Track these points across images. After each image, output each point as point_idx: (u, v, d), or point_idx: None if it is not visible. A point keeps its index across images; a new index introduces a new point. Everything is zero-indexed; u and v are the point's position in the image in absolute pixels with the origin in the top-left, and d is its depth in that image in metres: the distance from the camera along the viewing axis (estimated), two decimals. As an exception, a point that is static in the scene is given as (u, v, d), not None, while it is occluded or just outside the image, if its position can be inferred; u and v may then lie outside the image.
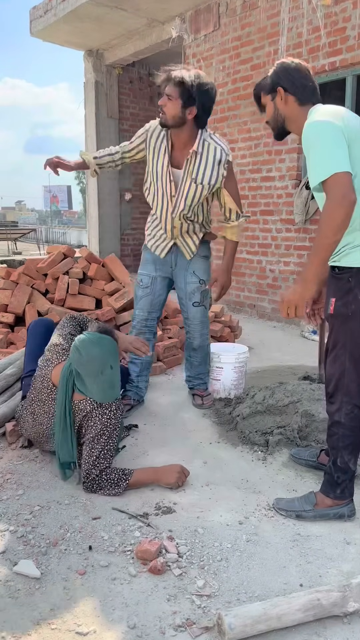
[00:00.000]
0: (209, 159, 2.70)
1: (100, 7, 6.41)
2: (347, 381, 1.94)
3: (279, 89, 1.94)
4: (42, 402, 2.35)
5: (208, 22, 6.17)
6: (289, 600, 1.51)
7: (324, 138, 1.75)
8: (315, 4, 4.97)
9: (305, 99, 1.94)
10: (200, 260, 3.01)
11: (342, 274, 1.88)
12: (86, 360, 2.19)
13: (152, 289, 3.03)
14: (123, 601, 1.61)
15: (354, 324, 1.89)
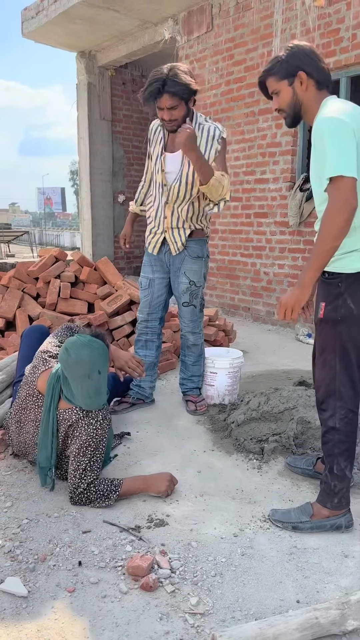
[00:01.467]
0: (204, 137, 2.78)
1: (92, 8, 6.35)
2: (338, 386, 1.91)
3: (300, 73, 1.86)
4: (28, 410, 2.29)
5: (201, 23, 6.12)
6: (286, 619, 1.46)
7: (339, 137, 1.71)
8: (309, 6, 4.93)
9: (323, 83, 1.88)
10: (192, 261, 3.00)
11: (332, 279, 1.86)
12: (74, 362, 2.13)
13: (150, 291, 3.08)
14: (113, 620, 1.55)
15: (342, 328, 1.87)
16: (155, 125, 2.92)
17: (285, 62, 1.88)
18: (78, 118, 8.25)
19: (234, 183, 5.98)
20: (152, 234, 3.04)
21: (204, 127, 2.80)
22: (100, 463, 2.18)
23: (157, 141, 2.89)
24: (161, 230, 2.97)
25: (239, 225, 5.99)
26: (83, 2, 6.20)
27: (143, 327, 3.12)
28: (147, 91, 2.60)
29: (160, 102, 2.60)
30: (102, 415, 2.19)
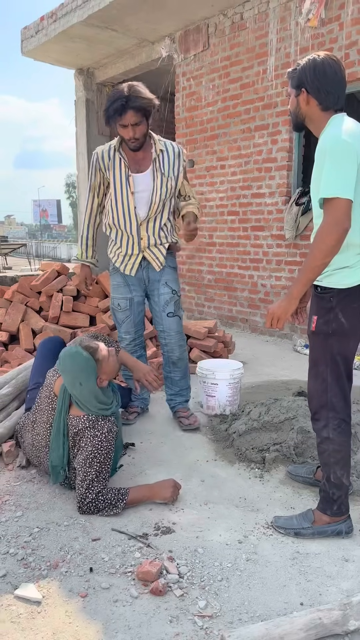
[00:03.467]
0: (170, 154, 2.92)
1: (91, 28, 6.50)
2: (330, 397, 1.99)
3: (302, 89, 1.93)
4: (42, 412, 2.39)
5: (197, 42, 6.27)
6: (291, 620, 1.53)
7: (340, 158, 1.78)
8: (303, 26, 5.08)
9: (328, 105, 1.92)
10: (170, 270, 3.08)
11: (325, 294, 1.94)
12: (62, 370, 2.31)
13: (131, 311, 3.09)
14: (125, 623, 1.61)
15: (333, 342, 1.95)
16: (102, 151, 2.88)
17: (296, 75, 1.95)
18: (77, 134, 8.38)
19: (230, 197, 6.10)
20: (124, 256, 3.02)
21: (165, 143, 2.93)
22: (108, 473, 2.25)
23: (114, 165, 2.85)
24: (137, 252, 2.99)
25: (236, 238, 6.10)
26: (82, 22, 6.35)
27: (132, 346, 3.14)
28: (111, 108, 2.62)
29: (124, 118, 2.63)
30: (108, 427, 2.25)
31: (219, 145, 6.15)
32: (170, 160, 2.91)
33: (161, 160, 2.88)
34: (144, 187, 2.87)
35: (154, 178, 2.87)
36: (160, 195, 2.89)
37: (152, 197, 2.88)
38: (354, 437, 2.63)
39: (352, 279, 1.90)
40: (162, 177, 2.88)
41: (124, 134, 2.71)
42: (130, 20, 6.27)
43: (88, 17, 6.20)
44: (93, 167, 2.91)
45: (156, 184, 2.87)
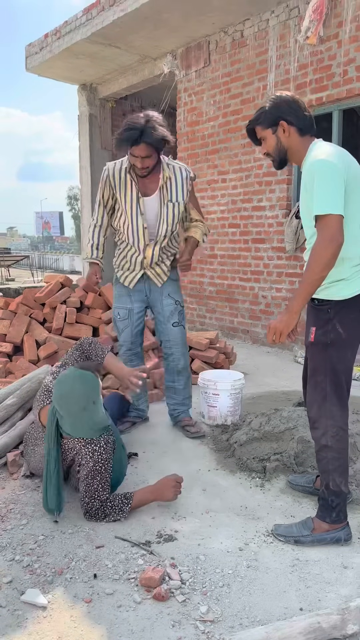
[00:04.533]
0: (178, 178, 2.96)
1: (94, 45, 6.63)
2: (329, 405, 2.05)
3: (281, 122, 2.04)
4: (38, 439, 2.42)
5: (198, 58, 6.40)
6: (291, 624, 1.57)
7: (328, 177, 1.87)
8: (302, 43, 5.19)
9: (305, 130, 2.06)
10: (172, 282, 3.18)
11: (322, 306, 2.02)
12: (69, 398, 2.17)
13: (130, 320, 3.17)
14: (129, 628, 1.65)
15: (332, 352, 2.01)
16: (113, 169, 2.93)
17: (268, 112, 2.08)
18: (80, 148, 8.51)
19: (231, 210, 6.19)
20: (128, 270, 3.11)
21: (174, 167, 2.96)
22: (110, 480, 2.28)
23: (125, 185, 2.91)
24: (139, 269, 3.08)
25: (237, 250, 6.18)
26: (86, 40, 6.48)
27: (130, 354, 3.20)
28: (124, 136, 2.66)
29: (135, 150, 2.69)
30: (105, 439, 2.26)
31: (220, 159, 6.25)
32: (178, 186, 2.95)
33: (168, 187, 2.93)
34: (151, 210, 2.95)
35: (160, 204, 2.93)
36: (167, 221, 2.96)
37: (160, 222, 2.95)
38: (354, 446, 2.67)
39: (349, 290, 1.97)
40: (168, 204, 2.94)
41: (133, 161, 2.78)
42: (132, 38, 6.40)
43: (92, 34, 6.34)
44: (103, 181, 2.97)
45: (163, 210, 2.94)
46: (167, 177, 2.92)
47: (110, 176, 2.93)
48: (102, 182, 2.99)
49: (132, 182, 2.91)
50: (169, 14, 5.70)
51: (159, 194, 2.93)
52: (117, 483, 2.44)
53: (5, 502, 2.40)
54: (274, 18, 5.47)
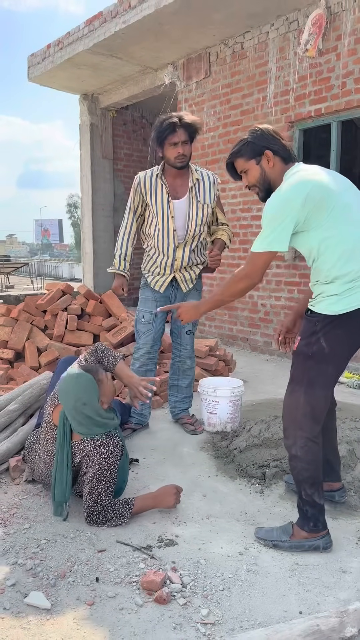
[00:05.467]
0: (206, 182, 3.19)
1: (96, 56, 6.72)
2: (300, 415, 2.07)
3: (267, 152, 2.09)
4: (46, 440, 2.45)
5: (199, 69, 6.48)
6: (290, 627, 1.59)
7: (275, 215, 1.97)
8: (301, 56, 5.28)
9: (287, 158, 2.12)
10: (196, 293, 3.36)
11: (312, 317, 2.05)
12: (64, 394, 2.31)
13: (153, 325, 3.28)
14: (131, 630, 1.68)
15: (312, 364, 2.03)
16: (144, 176, 3.13)
17: (252, 144, 2.12)
18: (81, 157, 8.58)
19: (231, 220, 6.25)
20: (158, 275, 3.26)
21: (202, 172, 3.20)
22: (114, 486, 2.32)
23: (155, 191, 3.10)
24: (170, 272, 3.22)
25: (236, 259, 6.23)
26: (88, 50, 6.57)
27: (146, 358, 3.30)
28: (165, 124, 2.92)
29: (176, 136, 2.94)
30: (113, 443, 2.32)
31: (220, 169, 6.31)
32: (206, 188, 3.17)
33: (197, 189, 3.15)
34: (181, 212, 3.11)
35: (189, 205, 3.13)
36: (197, 220, 3.14)
37: (189, 222, 3.14)
38: (352, 453, 2.71)
39: (338, 306, 1.98)
40: (197, 204, 3.14)
41: (172, 152, 2.98)
42: (134, 49, 6.49)
43: (94, 45, 6.42)
44: (134, 189, 3.15)
45: (192, 210, 3.13)
46: (196, 179, 3.14)
47: (142, 183, 3.12)
48: (132, 190, 3.17)
49: (162, 187, 3.09)
50: (170, 26, 5.79)
51: (189, 195, 3.12)
52: (120, 490, 2.47)
53: (7, 507, 2.42)
54: (273, 31, 5.56)
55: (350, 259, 1.96)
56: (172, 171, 3.11)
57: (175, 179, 3.13)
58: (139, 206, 3.19)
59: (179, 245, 3.16)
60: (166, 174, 3.13)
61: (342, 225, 1.96)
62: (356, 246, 1.97)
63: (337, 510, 2.43)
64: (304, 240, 2.03)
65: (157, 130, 2.97)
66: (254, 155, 2.12)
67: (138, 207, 3.20)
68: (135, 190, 3.16)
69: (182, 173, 3.13)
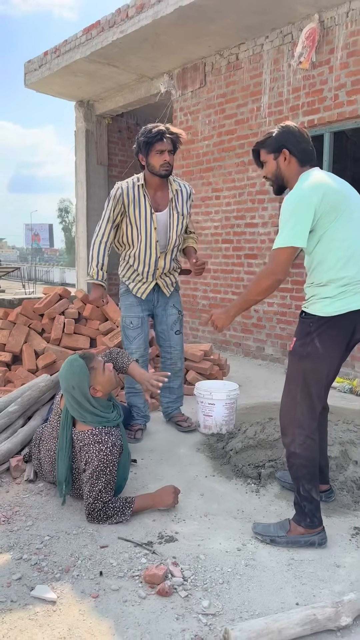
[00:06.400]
0: (183, 194, 3.33)
1: (93, 64, 6.81)
2: (298, 414, 2.17)
3: (284, 150, 2.20)
4: (52, 427, 2.56)
5: (194, 79, 6.60)
6: (289, 616, 1.67)
7: (293, 212, 2.06)
8: (295, 68, 5.41)
9: (305, 161, 2.22)
10: (176, 293, 3.52)
11: (306, 319, 2.16)
12: (60, 376, 2.51)
13: (142, 329, 3.38)
14: (135, 621, 1.74)
15: (307, 364, 2.14)
16: (127, 187, 3.16)
17: (274, 139, 2.23)
18: (76, 163, 8.66)
19: (225, 227, 6.36)
20: (140, 282, 3.35)
21: (179, 183, 3.33)
22: (114, 483, 2.39)
23: (138, 202, 3.15)
24: (152, 279, 3.34)
25: (230, 265, 6.33)
26: (85, 59, 6.66)
27: (141, 362, 3.36)
28: (153, 132, 3.03)
29: (161, 145, 3.04)
30: (112, 441, 2.40)
31: (214, 177, 6.42)
32: (184, 200, 3.31)
33: (177, 200, 3.27)
34: (162, 223, 3.22)
35: (169, 216, 3.26)
36: (177, 231, 3.30)
37: (170, 233, 3.26)
38: (345, 454, 2.80)
39: (332, 308, 2.08)
40: (177, 215, 3.28)
41: (158, 160, 3.07)
42: (130, 58, 6.59)
43: (91, 54, 6.52)
44: (116, 200, 3.16)
45: (172, 222, 3.27)
46: (175, 189, 3.26)
47: (125, 194, 3.14)
48: (114, 200, 3.16)
49: (145, 198, 3.15)
50: (166, 36, 5.90)
51: (169, 207, 3.25)
52: (120, 488, 2.54)
53: (10, 505, 2.48)
54: (268, 43, 5.69)
55: (348, 264, 2.07)
56: (153, 182, 3.18)
57: (156, 191, 3.21)
58: (118, 216, 3.20)
59: (160, 255, 3.27)
60: (147, 185, 3.19)
61: (347, 231, 2.08)
62: (355, 252, 2.07)
63: (330, 509, 2.51)
64: (313, 242, 2.12)
65: (146, 137, 3.05)
66: (273, 150, 2.23)
67: (117, 217, 3.20)
68: (117, 201, 3.16)
69: (162, 184, 3.22)
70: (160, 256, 3.28)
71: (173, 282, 3.45)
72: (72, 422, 2.46)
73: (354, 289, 2.08)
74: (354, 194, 2.19)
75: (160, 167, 3.09)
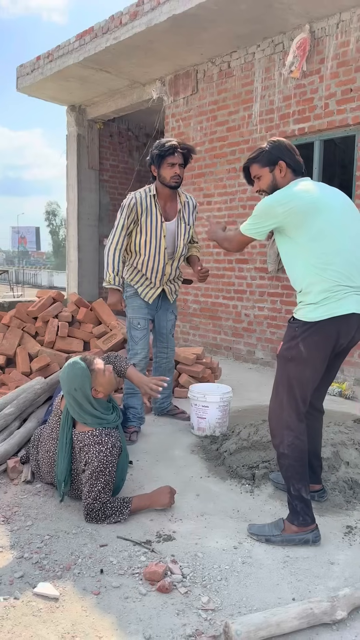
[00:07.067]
0: (190, 206, 3.55)
1: (85, 69, 6.87)
2: (285, 416, 2.25)
3: (281, 162, 2.30)
4: (52, 428, 2.59)
5: (187, 86, 6.68)
6: (286, 610, 1.73)
7: (259, 214, 2.26)
8: (286, 76, 5.51)
9: (298, 171, 2.34)
10: (175, 301, 3.75)
11: (293, 324, 2.25)
12: (61, 378, 2.54)
13: (147, 330, 3.54)
14: (137, 616, 1.79)
15: (291, 367, 2.23)
16: (140, 197, 3.34)
17: (268, 153, 2.34)
18: (67, 167, 8.69)
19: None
20: (149, 287, 3.51)
21: (186, 195, 3.54)
22: (113, 484, 2.43)
23: (150, 212, 3.34)
24: (159, 285, 3.50)
25: (221, 270, 6.40)
26: (78, 64, 6.71)
27: (144, 364, 3.51)
28: (166, 147, 3.22)
29: (175, 157, 3.25)
30: (112, 443, 2.45)
31: (205, 182, 6.50)
32: (190, 211, 3.54)
33: (184, 211, 3.49)
34: (171, 232, 3.40)
35: (177, 225, 3.47)
36: (184, 240, 3.52)
37: (177, 241, 3.42)
38: (336, 455, 2.86)
39: (315, 314, 2.17)
40: (184, 225, 3.50)
41: (169, 172, 3.27)
42: (123, 64, 6.66)
43: (84, 59, 6.57)
44: (130, 208, 3.31)
45: (180, 231, 3.48)
46: (184, 201, 3.48)
47: (138, 203, 3.31)
48: (128, 208, 3.31)
49: (156, 208, 3.34)
50: (159, 43, 5.97)
51: (178, 217, 3.46)
52: (117, 489, 2.58)
53: (9, 506, 2.51)
54: (259, 52, 5.79)
55: (327, 271, 2.16)
56: (164, 193, 3.38)
57: (166, 201, 3.42)
58: (131, 224, 3.36)
59: (168, 262, 3.46)
60: (158, 195, 3.38)
61: (323, 239, 2.16)
62: (335, 258, 2.14)
63: (323, 508, 2.58)
64: (288, 250, 2.27)
65: (159, 150, 3.23)
66: (269, 164, 2.33)
67: (130, 225, 3.36)
68: (130, 209, 3.32)
69: (172, 196, 3.43)
70: (168, 263, 3.46)
71: (177, 290, 3.68)
72: (72, 423, 2.50)
73: (336, 295, 2.15)
74: (339, 202, 2.26)
75: (170, 179, 3.29)
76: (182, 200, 3.47)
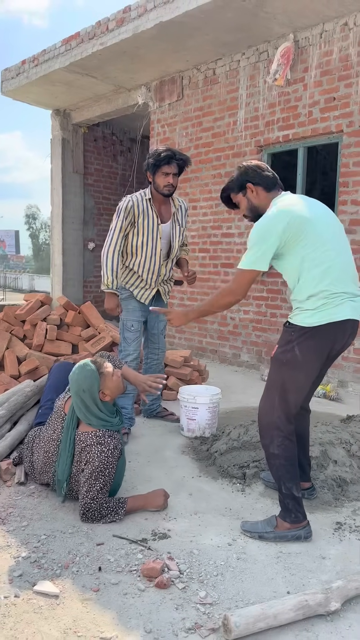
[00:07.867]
0: (182, 209, 3.67)
1: (71, 74, 6.89)
2: (275, 417, 2.31)
3: (248, 185, 2.38)
4: (53, 429, 2.61)
5: (172, 92, 6.75)
6: (283, 602, 1.78)
7: (259, 238, 2.23)
8: (270, 84, 5.61)
9: (270, 186, 2.39)
10: (166, 303, 3.83)
11: (289, 328, 2.30)
12: (70, 380, 2.57)
13: (140, 332, 3.61)
14: (137, 611, 1.82)
15: (285, 371, 2.29)
16: (137, 200, 3.41)
17: (236, 179, 2.43)
18: (52, 170, 8.69)
19: (202, 236, 6.50)
20: (144, 289, 3.58)
21: (179, 200, 3.64)
22: (110, 485, 2.47)
23: (147, 214, 3.42)
24: (154, 286, 3.57)
25: (207, 274, 6.47)
26: (63, 69, 6.73)
27: (135, 364, 3.56)
28: (163, 156, 3.30)
29: (170, 167, 3.33)
30: (114, 444, 2.48)
31: (191, 187, 6.57)
32: (183, 214, 3.65)
33: (178, 214, 3.60)
34: (166, 234, 3.48)
35: (172, 227, 3.57)
36: (178, 241, 3.56)
37: (172, 243, 3.51)
38: (325, 454, 2.94)
39: (313, 319, 2.23)
40: (179, 228, 3.62)
41: (163, 181, 3.36)
42: (109, 69, 6.70)
43: (70, 64, 6.59)
44: (127, 211, 3.36)
45: (174, 233, 3.58)
46: (178, 205, 3.60)
47: (135, 206, 3.38)
48: (125, 211, 3.36)
49: (152, 211, 3.42)
50: (145, 50, 6.03)
51: (172, 220, 3.56)
52: (113, 492, 2.61)
53: (4, 507, 2.52)
54: (244, 59, 5.89)
55: (324, 279, 2.22)
56: (158, 197, 3.49)
57: (161, 205, 3.52)
58: (128, 226, 3.42)
59: (163, 263, 3.55)
60: (154, 199, 3.48)
61: (317, 249, 2.22)
62: (330, 267, 2.21)
63: (313, 505, 2.64)
64: (287, 264, 2.29)
65: (155, 159, 3.31)
66: (240, 189, 2.42)
67: (127, 228, 3.42)
68: (128, 212, 3.38)
69: (166, 200, 3.54)
70: (163, 264, 3.55)
71: (170, 291, 3.79)
72: (77, 423, 2.54)
73: (334, 302, 2.21)
74: (322, 212, 2.32)
75: (163, 187, 3.38)
76: (176, 204, 3.59)
